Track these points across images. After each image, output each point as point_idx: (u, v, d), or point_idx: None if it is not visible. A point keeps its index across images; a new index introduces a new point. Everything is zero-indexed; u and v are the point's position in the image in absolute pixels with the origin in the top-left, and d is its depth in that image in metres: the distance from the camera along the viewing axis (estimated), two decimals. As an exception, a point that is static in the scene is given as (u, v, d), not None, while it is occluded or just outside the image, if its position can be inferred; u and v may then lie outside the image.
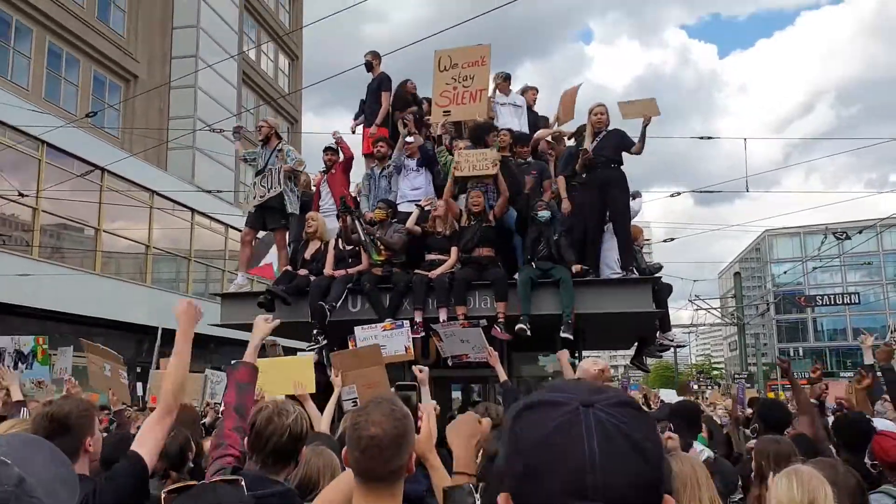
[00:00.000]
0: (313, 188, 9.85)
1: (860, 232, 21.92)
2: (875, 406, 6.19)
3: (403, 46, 8.78)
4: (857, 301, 56.00)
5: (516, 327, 7.44)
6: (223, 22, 28.54)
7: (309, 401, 5.05)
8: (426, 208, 8.51)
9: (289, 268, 8.60)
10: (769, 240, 74.40)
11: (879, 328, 57.01)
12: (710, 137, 14.62)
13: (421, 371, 4.48)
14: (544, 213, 7.84)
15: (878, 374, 6.10)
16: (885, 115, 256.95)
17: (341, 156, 9.49)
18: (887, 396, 5.71)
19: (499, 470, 0.94)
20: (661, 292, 8.34)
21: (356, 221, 8.01)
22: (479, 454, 2.52)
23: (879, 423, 4.78)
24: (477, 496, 1.89)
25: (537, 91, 10.76)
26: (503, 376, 5.19)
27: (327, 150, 9.50)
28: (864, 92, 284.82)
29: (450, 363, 7.55)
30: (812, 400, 5.73)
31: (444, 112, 9.28)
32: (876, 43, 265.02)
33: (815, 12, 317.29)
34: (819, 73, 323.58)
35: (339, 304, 7.86)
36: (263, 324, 3.34)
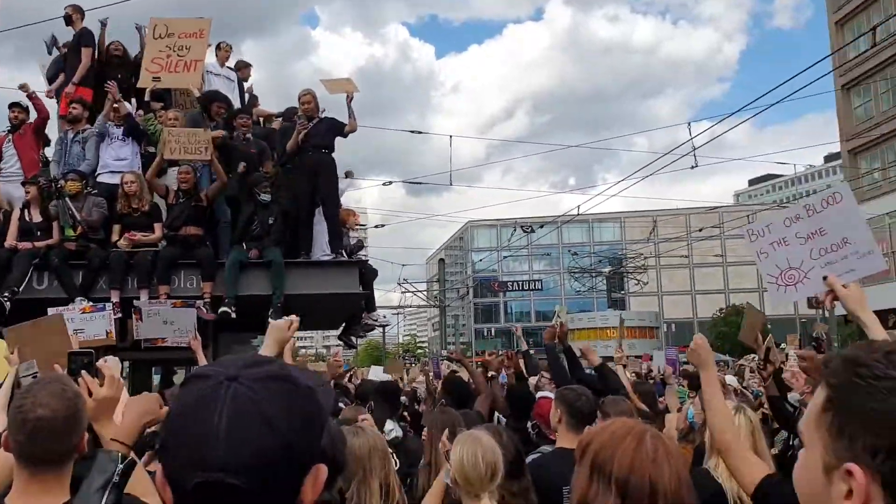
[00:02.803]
0: None
1: (542, 226, 24.90)
2: (536, 380, 6.97)
3: (114, 3, 8.03)
4: (540, 287, 63.70)
5: (220, 310, 7.32)
6: None
7: None
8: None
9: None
10: (471, 230, 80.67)
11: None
12: (420, 132, 15.76)
13: (106, 361, 4.12)
14: (266, 196, 7.82)
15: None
16: (571, 126, 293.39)
17: (31, 115, 8.51)
18: (545, 374, 6.55)
19: None
20: (368, 275, 8.85)
21: (66, 201, 7.37)
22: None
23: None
24: (120, 466, 1.93)
25: (251, 67, 10.65)
26: (203, 362, 5.12)
27: (13, 106, 8.47)
28: (555, 103, 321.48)
29: (142, 346, 7.23)
30: (492, 373, 6.50)
31: (154, 78, 8.70)
32: (566, 60, 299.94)
33: (519, 26, 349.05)
34: (519, 82, 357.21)
35: (22, 287, 7.12)
36: None
